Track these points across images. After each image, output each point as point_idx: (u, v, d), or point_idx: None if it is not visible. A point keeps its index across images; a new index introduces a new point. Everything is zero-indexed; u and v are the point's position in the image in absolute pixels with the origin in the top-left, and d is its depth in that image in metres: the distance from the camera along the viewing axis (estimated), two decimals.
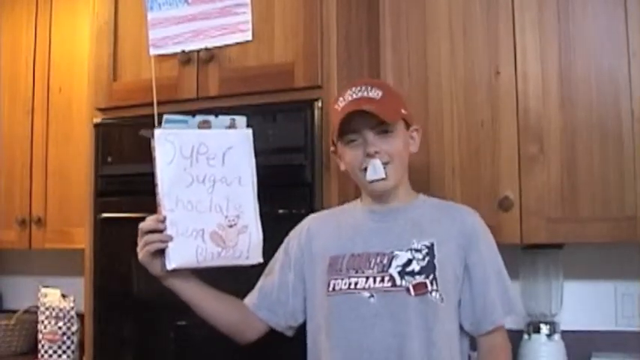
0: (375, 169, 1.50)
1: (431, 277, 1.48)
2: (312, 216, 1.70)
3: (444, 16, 2.11)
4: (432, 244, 1.51)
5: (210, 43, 1.97)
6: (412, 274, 1.49)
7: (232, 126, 1.54)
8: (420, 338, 1.46)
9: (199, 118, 1.52)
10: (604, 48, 1.94)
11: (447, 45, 2.10)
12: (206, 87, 1.99)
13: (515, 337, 2.14)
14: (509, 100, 2.00)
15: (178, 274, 1.52)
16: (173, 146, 1.48)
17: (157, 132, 1.49)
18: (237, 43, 1.95)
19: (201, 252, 1.48)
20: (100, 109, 2.15)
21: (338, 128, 1.52)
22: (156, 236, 1.48)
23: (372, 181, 1.51)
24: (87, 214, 2.15)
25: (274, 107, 1.89)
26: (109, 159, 2.11)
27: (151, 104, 2.00)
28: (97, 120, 2.14)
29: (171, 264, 1.48)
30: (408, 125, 1.60)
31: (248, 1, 1.93)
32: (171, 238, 1.47)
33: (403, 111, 1.59)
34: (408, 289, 1.47)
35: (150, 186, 2.02)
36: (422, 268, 1.49)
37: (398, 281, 1.48)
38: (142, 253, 1.51)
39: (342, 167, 1.61)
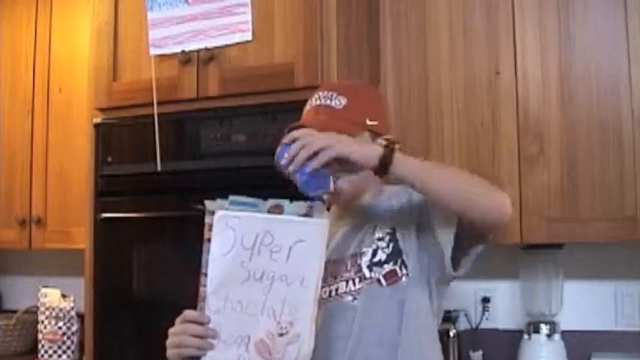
0: None
1: (399, 262, 1.42)
2: None
3: (444, 16, 2.11)
4: (394, 229, 1.45)
5: (210, 43, 1.97)
6: (380, 264, 1.43)
7: (308, 214, 1.26)
8: (400, 326, 1.40)
9: (271, 201, 1.27)
10: (604, 48, 1.94)
11: (446, 45, 2.10)
12: (206, 87, 1.99)
13: (516, 337, 2.14)
14: (509, 100, 2.01)
15: None
16: (234, 234, 1.23)
17: (219, 214, 1.24)
18: (237, 43, 1.95)
19: None
20: (100, 109, 2.15)
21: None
22: (195, 341, 1.25)
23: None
24: (87, 214, 2.15)
25: (274, 107, 1.89)
26: (109, 159, 2.11)
27: (151, 104, 2.01)
28: (97, 120, 2.14)
29: None
30: (376, 135, 1.45)
31: (248, 1, 1.93)
32: (212, 347, 1.24)
33: (368, 121, 1.45)
34: (378, 280, 1.42)
35: (150, 185, 2.04)
36: (388, 255, 1.43)
37: (367, 274, 1.42)
38: (173, 352, 1.29)
39: None
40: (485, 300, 2.29)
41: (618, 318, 2.16)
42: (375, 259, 1.44)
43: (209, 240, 1.24)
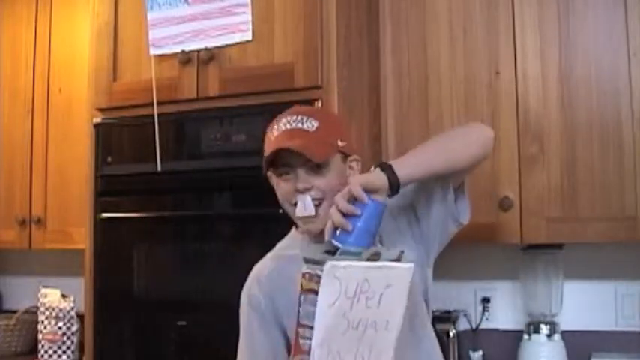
0: (305, 206, 1.41)
1: None
2: (257, 267, 1.53)
3: (444, 16, 2.11)
4: (381, 237, 1.43)
5: (210, 43, 1.97)
6: None
7: (399, 259, 1.28)
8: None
9: (373, 249, 1.29)
10: (604, 48, 1.94)
11: (446, 45, 2.10)
12: (206, 87, 1.99)
13: (516, 337, 2.15)
14: (509, 100, 2.01)
15: None
16: (340, 284, 1.23)
17: (329, 264, 1.23)
18: (237, 43, 1.95)
19: None
20: (100, 109, 2.15)
21: (268, 162, 1.43)
22: None
23: (302, 218, 1.43)
24: (87, 214, 2.15)
25: (274, 107, 1.88)
26: (109, 159, 2.11)
27: (151, 104, 2.01)
28: (97, 120, 2.14)
29: None
30: (346, 156, 1.47)
31: (248, 1, 1.93)
32: None
33: (340, 143, 1.46)
34: None
35: (150, 185, 2.04)
36: None
37: None
38: None
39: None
40: (485, 300, 2.29)
41: (618, 318, 2.16)
42: None
43: (313, 291, 1.23)
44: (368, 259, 1.25)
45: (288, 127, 1.45)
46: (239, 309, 1.50)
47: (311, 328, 1.22)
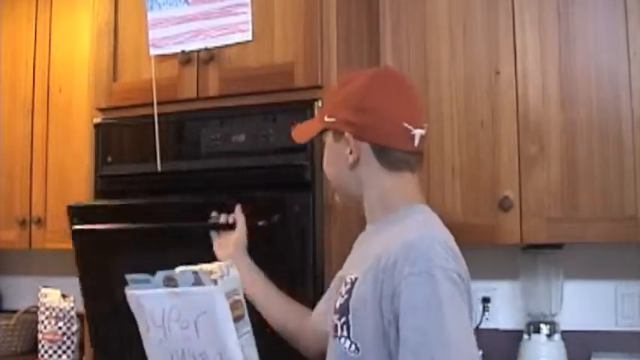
0: None
1: (343, 320, 1.21)
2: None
3: (444, 16, 2.11)
4: (356, 280, 1.22)
5: (210, 43, 1.97)
6: (334, 311, 1.25)
7: (197, 282, 1.16)
8: None
9: (161, 274, 1.19)
10: (604, 48, 1.94)
11: (447, 45, 2.10)
12: (206, 87, 1.99)
13: (516, 337, 2.15)
14: (509, 100, 2.01)
15: None
16: (143, 312, 1.18)
17: (127, 293, 1.19)
18: (237, 43, 1.95)
19: None
20: (100, 109, 2.15)
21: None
22: None
23: None
24: None
25: (274, 107, 1.89)
26: (109, 159, 2.10)
27: (151, 104, 2.01)
28: (97, 120, 2.14)
29: None
30: (342, 133, 1.31)
31: (248, 1, 1.93)
32: None
33: (327, 119, 1.33)
34: (331, 328, 1.26)
35: (150, 185, 2.04)
36: (340, 306, 1.23)
37: (330, 317, 1.29)
38: None
39: None
40: (485, 300, 2.29)
41: (618, 318, 2.16)
42: (337, 304, 1.26)
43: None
44: (166, 285, 1.16)
45: None
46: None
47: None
